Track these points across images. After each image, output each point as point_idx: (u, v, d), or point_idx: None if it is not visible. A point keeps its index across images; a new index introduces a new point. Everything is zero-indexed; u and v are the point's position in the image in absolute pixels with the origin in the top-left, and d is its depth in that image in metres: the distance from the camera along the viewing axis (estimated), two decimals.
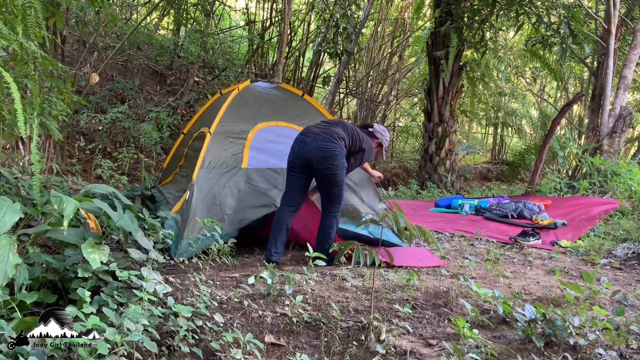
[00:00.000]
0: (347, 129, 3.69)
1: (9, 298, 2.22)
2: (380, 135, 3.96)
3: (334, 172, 3.47)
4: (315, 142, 3.48)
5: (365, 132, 3.91)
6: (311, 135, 3.53)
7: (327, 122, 3.79)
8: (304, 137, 3.56)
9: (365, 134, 3.86)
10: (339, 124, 3.74)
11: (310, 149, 3.47)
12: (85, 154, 7.25)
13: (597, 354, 2.30)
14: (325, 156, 3.45)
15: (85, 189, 3.07)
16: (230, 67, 10.84)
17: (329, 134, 3.53)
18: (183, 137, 5.40)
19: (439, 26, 8.44)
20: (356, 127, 3.85)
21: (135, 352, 2.08)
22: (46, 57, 4.00)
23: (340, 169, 3.48)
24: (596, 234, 5.27)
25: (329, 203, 3.62)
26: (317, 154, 3.45)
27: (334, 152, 3.46)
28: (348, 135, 3.63)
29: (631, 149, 12.76)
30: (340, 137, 3.57)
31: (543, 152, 8.58)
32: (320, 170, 3.49)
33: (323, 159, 3.45)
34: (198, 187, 3.87)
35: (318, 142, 3.47)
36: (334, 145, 3.48)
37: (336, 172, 3.47)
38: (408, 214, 5.56)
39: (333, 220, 3.62)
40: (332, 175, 3.48)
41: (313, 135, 3.52)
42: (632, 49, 7.98)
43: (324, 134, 3.53)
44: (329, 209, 3.62)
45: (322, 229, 3.63)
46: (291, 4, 7.78)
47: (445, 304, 2.92)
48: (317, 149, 3.46)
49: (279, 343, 2.46)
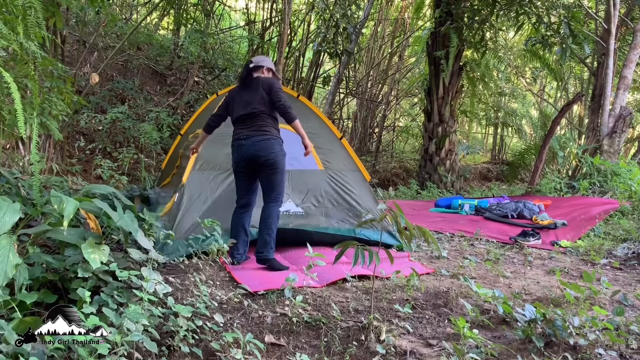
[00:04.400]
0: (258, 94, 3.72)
1: (9, 298, 2.22)
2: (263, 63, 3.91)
3: (274, 159, 3.62)
4: (250, 140, 3.66)
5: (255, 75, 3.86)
6: (243, 137, 3.69)
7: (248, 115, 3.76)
8: (239, 142, 3.72)
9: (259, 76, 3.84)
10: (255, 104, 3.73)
11: (248, 148, 3.66)
12: (85, 154, 7.25)
13: (597, 354, 2.30)
14: (263, 147, 3.62)
15: (85, 189, 3.07)
16: (230, 67, 10.84)
17: (257, 129, 3.68)
18: (180, 137, 5.40)
19: (439, 26, 8.45)
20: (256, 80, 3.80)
21: (135, 352, 2.08)
22: (46, 57, 4.01)
23: (280, 156, 3.65)
24: (596, 234, 5.27)
25: (270, 191, 3.68)
26: (255, 149, 3.63)
27: (269, 142, 3.64)
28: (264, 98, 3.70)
29: (631, 149, 12.75)
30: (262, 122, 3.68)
31: (543, 152, 8.58)
32: (263, 161, 3.63)
33: (261, 150, 3.62)
34: (189, 189, 3.84)
35: (252, 140, 3.66)
36: (266, 136, 3.66)
37: (276, 159, 3.63)
38: (408, 214, 5.56)
39: (276, 209, 3.68)
40: (273, 162, 3.62)
41: (245, 136, 3.69)
42: (632, 49, 7.98)
43: (253, 131, 3.68)
44: (270, 198, 3.69)
45: (264, 219, 3.66)
46: (291, 4, 7.78)
47: (445, 304, 2.92)
48: (253, 145, 3.64)
49: (279, 343, 2.46)
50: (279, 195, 3.71)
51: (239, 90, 3.89)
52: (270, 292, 2.91)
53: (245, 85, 3.85)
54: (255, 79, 3.83)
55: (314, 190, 4.26)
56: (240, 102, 3.80)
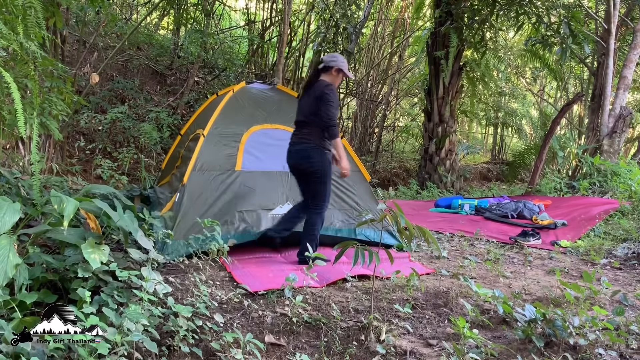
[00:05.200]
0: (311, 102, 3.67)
1: (9, 298, 2.22)
2: (333, 63, 3.73)
3: (313, 168, 3.63)
4: (294, 147, 3.76)
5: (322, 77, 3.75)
6: (290, 143, 3.80)
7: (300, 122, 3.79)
8: (288, 147, 3.81)
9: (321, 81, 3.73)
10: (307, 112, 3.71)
11: (291, 155, 3.76)
12: (85, 154, 7.25)
13: (597, 354, 2.30)
14: (303, 156, 3.67)
15: (85, 189, 3.07)
16: (230, 67, 10.83)
17: (301, 137, 3.73)
18: (180, 138, 5.40)
19: (439, 26, 8.44)
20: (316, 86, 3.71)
21: (135, 352, 2.08)
22: (46, 57, 4.00)
23: (319, 164, 3.62)
24: (596, 234, 5.27)
25: (312, 198, 3.72)
26: (297, 157, 3.72)
27: (308, 151, 3.65)
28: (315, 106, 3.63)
29: (631, 149, 12.75)
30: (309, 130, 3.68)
31: (543, 152, 8.58)
32: (303, 169, 3.72)
33: (302, 158, 3.69)
34: (189, 189, 3.84)
35: (296, 147, 3.75)
36: (308, 145, 3.67)
37: (315, 168, 3.62)
38: (408, 214, 5.55)
39: (316, 217, 3.69)
40: (313, 171, 3.64)
41: (291, 143, 3.79)
42: (632, 49, 7.98)
43: (299, 138, 3.75)
44: (312, 204, 3.72)
45: (305, 223, 3.72)
46: (291, 4, 7.78)
47: (445, 304, 2.92)
48: (296, 153, 3.73)
49: (279, 343, 2.46)
50: (322, 202, 3.69)
51: (302, 94, 3.90)
52: (270, 292, 2.91)
53: (308, 89, 3.81)
54: (317, 84, 3.72)
55: None
56: (299, 108, 3.86)
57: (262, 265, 3.57)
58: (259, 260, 3.75)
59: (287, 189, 4.16)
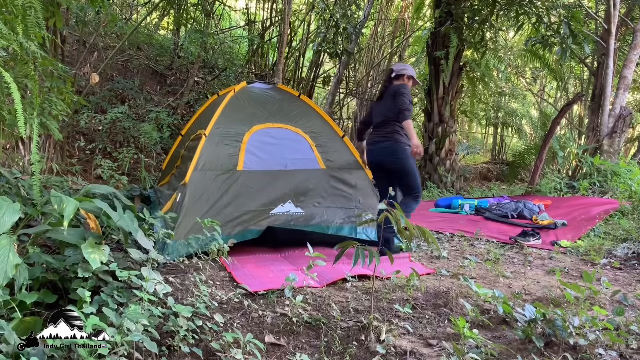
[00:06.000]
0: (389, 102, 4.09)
1: (9, 298, 2.22)
2: (404, 71, 4.23)
3: (400, 163, 4.01)
4: (377, 146, 4.13)
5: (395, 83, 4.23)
6: (372, 142, 4.18)
7: (381, 122, 4.16)
8: (369, 146, 4.23)
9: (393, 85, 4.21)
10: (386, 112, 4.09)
11: (374, 153, 4.14)
12: (85, 154, 7.24)
13: (597, 354, 2.30)
14: (387, 153, 4.04)
15: (85, 189, 3.07)
16: (230, 67, 10.83)
17: (383, 135, 4.10)
18: (181, 138, 5.40)
19: (439, 26, 8.45)
20: (390, 88, 4.18)
21: (135, 352, 2.08)
22: (46, 57, 4.01)
23: (405, 159, 4.00)
24: (596, 234, 5.27)
25: (409, 190, 4.11)
26: (381, 154, 4.09)
27: (392, 148, 4.03)
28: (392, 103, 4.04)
29: (631, 149, 12.76)
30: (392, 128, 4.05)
31: (543, 152, 8.58)
32: (389, 166, 4.08)
33: (387, 155, 4.05)
34: (191, 189, 3.83)
35: (379, 145, 4.12)
36: (390, 141, 4.04)
37: (401, 162, 4.00)
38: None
39: (415, 204, 4.11)
40: (400, 167, 4.02)
41: (373, 142, 4.17)
42: (632, 49, 7.98)
43: (380, 137, 4.12)
44: (410, 196, 4.11)
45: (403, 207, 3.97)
46: (291, 4, 7.78)
47: (445, 304, 2.92)
48: (380, 150, 4.10)
49: (279, 343, 2.46)
50: (417, 191, 4.10)
51: (378, 99, 4.36)
52: (270, 292, 2.91)
53: (383, 94, 4.27)
54: (390, 88, 4.20)
55: (316, 190, 4.26)
56: (377, 111, 4.26)
57: (262, 265, 3.57)
58: (259, 260, 3.75)
59: (289, 187, 4.16)
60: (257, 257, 3.82)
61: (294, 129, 4.46)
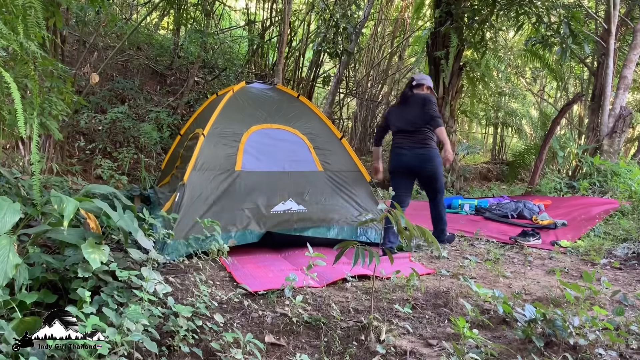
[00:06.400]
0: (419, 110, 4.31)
1: (9, 298, 2.22)
2: (424, 81, 4.53)
3: (434, 170, 4.29)
4: (413, 152, 4.29)
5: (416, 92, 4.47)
6: (406, 147, 4.32)
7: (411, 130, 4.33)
8: (401, 150, 4.35)
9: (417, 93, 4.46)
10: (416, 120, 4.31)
11: (409, 158, 4.29)
12: (85, 154, 7.24)
13: (597, 354, 2.30)
14: (424, 159, 4.28)
15: (85, 189, 3.07)
16: (230, 67, 10.83)
17: (419, 142, 4.31)
18: (180, 138, 5.40)
19: (439, 26, 8.44)
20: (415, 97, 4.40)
21: (135, 352, 2.08)
22: (46, 57, 4.01)
23: (439, 166, 4.29)
24: (596, 234, 5.27)
25: (435, 194, 4.42)
26: (417, 160, 4.28)
27: (429, 155, 4.29)
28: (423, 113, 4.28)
29: (631, 149, 12.75)
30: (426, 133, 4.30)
31: (543, 152, 8.58)
32: (423, 172, 4.32)
33: (423, 162, 4.27)
34: (190, 189, 3.83)
35: (415, 152, 4.29)
36: (427, 149, 4.30)
37: (436, 169, 4.29)
38: (408, 214, 5.54)
39: (442, 206, 4.44)
40: (434, 173, 4.30)
41: (408, 147, 4.32)
42: (632, 49, 7.98)
43: (415, 143, 4.31)
44: (436, 199, 4.42)
45: (435, 215, 4.45)
46: (291, 4, 7.78)
47: (445, 304, 2.92)
48: (416, 157, 4.28)
49: (279, 343, 2.46)
50: (443, 193, 4.47)
51: (399, 104, 4.56)
52: (270, 292, 2.91)
53: (406, 101, 4.46)
54: (415, 95, 4.42)
55: (314, 192, 4.26)
56: (400, 117, 4.44)
57: (262, 265, 3.57)
58: (259, 260, 3.75)
59: (287, 188, 4.16)
60: (257, 257, 3.82)
61: (292, 130, 4.46)
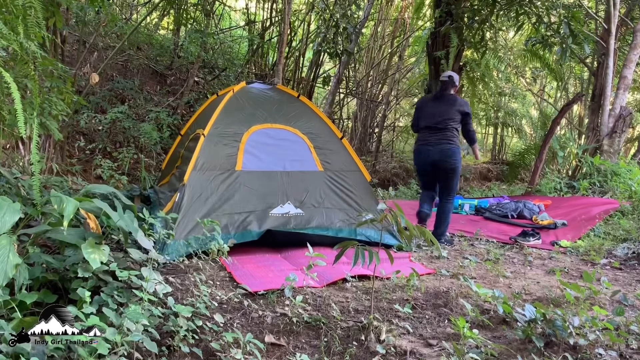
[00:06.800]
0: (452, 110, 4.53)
1: (9, 298, 2.22)
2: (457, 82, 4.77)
3: (455, 165, 4.48)
4: (438, 147, 4.49)
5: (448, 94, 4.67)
6: (432, 144, 4.52)
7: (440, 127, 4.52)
8: (427, 147, 4.56)
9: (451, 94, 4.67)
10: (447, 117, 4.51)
11: (434, 154, 4.49)
12: (85, 154, 7.24)
13: (597, 354, 2.30)
14: (448, 155, 4.46)
15: (85, 189, 3.07)
16: (230, 67, 10.83)
17: (444, 138, 4.49)
18: (180, 138, 5.39)
19: (439, 26, 8.43)
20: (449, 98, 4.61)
21: (135, 352, 2.08)
22: (46, 57, 4.01)
23: (459, 162, 4.48)
24: (596, 234, 5.27)
25: (448, 191, 4.59)
26: (441, 155, 4.47)
27: (452, 150, 4.47)
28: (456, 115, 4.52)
29: (631, 149, 12.75)
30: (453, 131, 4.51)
31: (543, 152, 8.57)
32: (445, 166, 4.48)
33: (447, 157, 4.46)
34: (190, 189, 3.83)
35: (440, 147, 4.49)
36: (452, 145, 4.48)
37: (456, 165, 4.47)
38: (408, 214, 5.54)
39: (450, 206, 4.60)
40: (454, 168, 4.48)
41: (433, 143, 4.52)
42: (632, 49, 7.98)
43: (441, 139, 4.49)
44: (447, 196, 4.60)
45: (440, 214, 4.59)
46: (291, 4, 7.77)
47: (445, 304, 2.92)
48: (441, 152, 4.48)
49: (279, 343, 2.46)
50: (455, 193, 4.66)
51: (431, 100, 4.76)
52: (270, 292, 2.91)
53: (439, 98, 4.67)
54: (448, 94, 4.64)
55: (314, 192, 4.26)
56: (429, 112, 4.64)
57: (262, 265, 3.57)
58: (259, 260, 3.75)
59: (288, 188, 4.16)
60: (257, 257, 3.82)
61: (292, 130, 4.46)
